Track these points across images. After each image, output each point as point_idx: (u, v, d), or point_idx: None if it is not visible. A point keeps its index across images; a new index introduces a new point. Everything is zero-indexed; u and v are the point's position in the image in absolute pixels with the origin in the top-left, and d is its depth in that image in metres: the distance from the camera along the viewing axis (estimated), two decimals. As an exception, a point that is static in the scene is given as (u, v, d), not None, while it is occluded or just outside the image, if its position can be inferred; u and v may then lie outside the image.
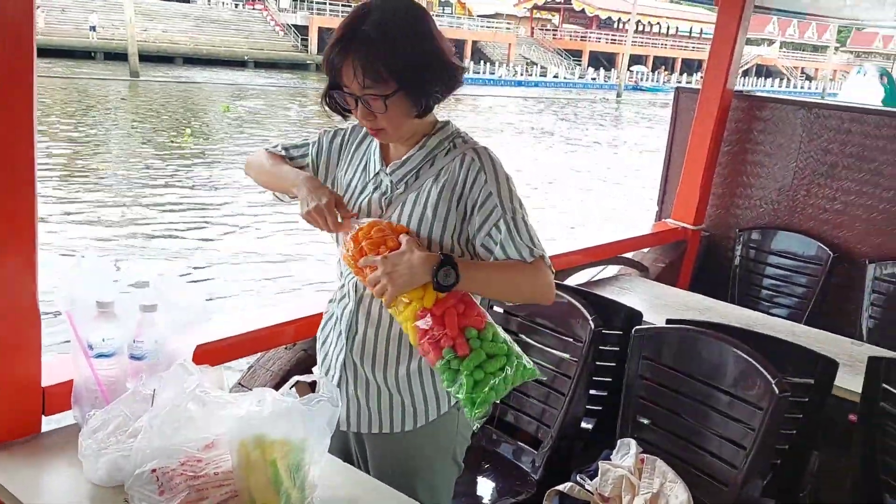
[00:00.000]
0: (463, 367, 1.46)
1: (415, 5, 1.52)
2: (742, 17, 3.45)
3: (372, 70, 1.42)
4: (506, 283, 1.56)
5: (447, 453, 1.70)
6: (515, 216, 1.53)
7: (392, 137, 1.56)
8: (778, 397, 1.84)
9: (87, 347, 1.50)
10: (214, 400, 1.40)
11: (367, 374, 1.64)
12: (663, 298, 3.02)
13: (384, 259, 1.44)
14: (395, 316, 1.53)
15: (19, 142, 1.39)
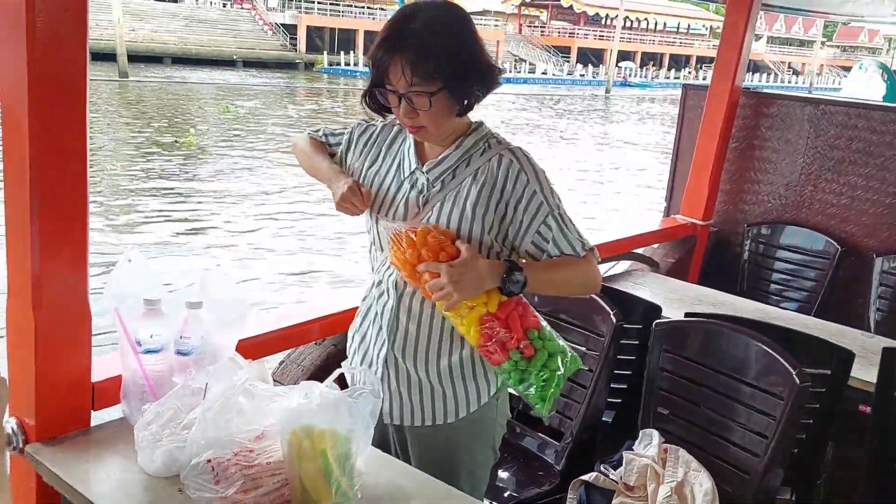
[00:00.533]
0: (531, 368, 1.55)
1: (457, 8, 1.57)
2: (750, 14, 3.50)
3: (419, 68, 1.46)
4: (563, 281, 1.63)
5: (487, 442, 1.75)
6: (561, 211, 1.59)
7: (431, 135, 1.60)
8: (799, 387, 1.89)
9: (135, 344, 1.55)
10: (263, 393, 1.45)
11: (409, 369, 1.68)
12: (676, 293, 3.07)
13: (449, 267, 1.48)
14: (455, 320, 1.58)
15: (73, 142, 1.43)
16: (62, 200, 1.45)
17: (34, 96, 1.36)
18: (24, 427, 1.53)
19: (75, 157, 1.45)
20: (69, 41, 1.38)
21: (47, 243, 1.44)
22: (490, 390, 1.70)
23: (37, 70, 1.35)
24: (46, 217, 1.43)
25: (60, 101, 1.40)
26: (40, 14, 1.33)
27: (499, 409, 1.74)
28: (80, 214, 1.49)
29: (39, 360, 1.48)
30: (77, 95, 1.42)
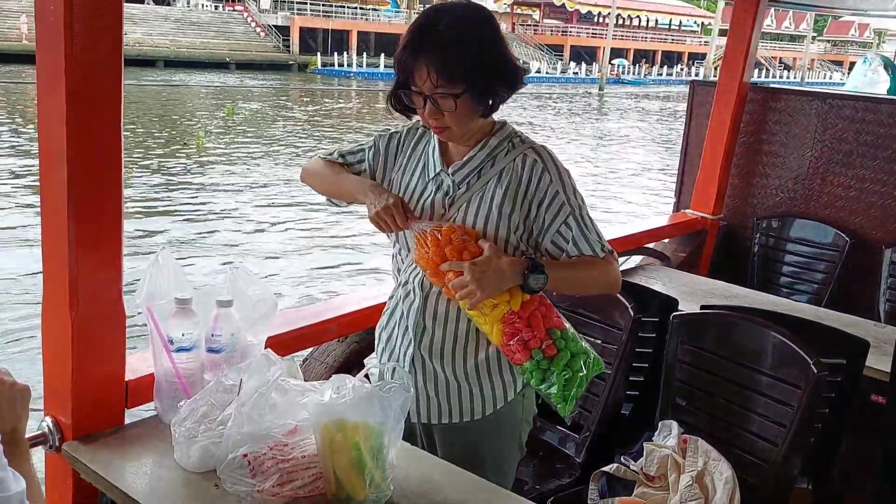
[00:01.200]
0: (554, 367, 1.57)
1: (481, 9, 1.59)
2: (757, 10, 3.54)
3: (444, 70, 1.48)
4: (583, 280, 1.67)
5: (514, 439, 1.78)
6: (582, 212, 1.62)
7: (456, 136, 1.62)
8: (816, 377, 1.92)
9: (167, 342, 1.58)
10: (295, 388, 1.48)
11: (436, 368, 1.70)
12: (689, 286, 3.10)
13: (472, 265, 1.50)
14: (477, 318, 1.60)
15: (108, 143, 1.47)
16: (98, 202, 1.49)
17: (72, 99, 1.39)
18: (60, 425, 1.56)
19: (111, 158, 1.49)
20: (104, 50, 1.41)
21: (83, 244, 1.47)
22: (517, 387, 1.73)
23: (75, 71, 1.39)
24: (83, 218, 1.46)
25: (97, 102, 1.43)
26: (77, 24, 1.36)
27: (525, 405, 1.77)
28: (115, 215, 1.52)
29: (76, 359, 1.51)
30: (112, 97, 1.45)
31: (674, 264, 3.69)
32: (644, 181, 15.28)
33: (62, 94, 1.39)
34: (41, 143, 1.47)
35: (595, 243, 1.63)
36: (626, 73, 49.30)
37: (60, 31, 1.36)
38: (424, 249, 1.58)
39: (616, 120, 27.40)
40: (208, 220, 10.21)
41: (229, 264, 8.07)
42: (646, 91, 42.55)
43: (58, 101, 1.39)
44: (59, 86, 1.39)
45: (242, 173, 13.31)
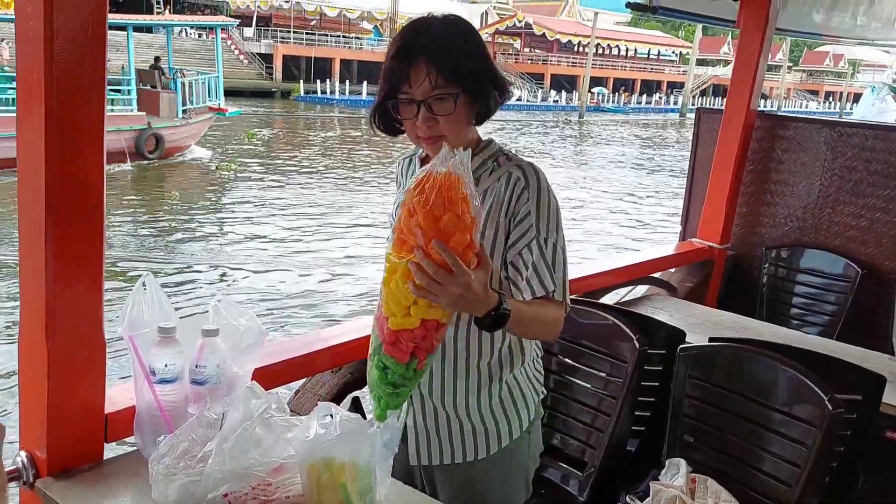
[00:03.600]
0: (411, 384, 1.40)
1: (466, 21, 1.56)
2: (764, 39, 3.49)
3: (444, 69, 1.43)
4: (535, 329, 1.53)
5: (520, 477, 1.70)
6: (548, 241, 1.50)
7: (448, 141, 1.48)
8: (832, 414, 1.83)
9: (149, 373, 1.51)
10: (280, 423, 1.40)
11: (437, 406, 1.62)
12: (696, 317, 3.02)
13: (465, 274, 1.23)
14: (401, 302, 1.30)
15: (88, 169, 1.41)
16: (78, 228, 1.42)
17: (51, 123, 1.34)
18: (34, 460, 1.49)
19: (92, 184, 1.42)
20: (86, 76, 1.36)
21: (61, 272, 1.41)
22: (522, 424, 1.65)
23: (54, 98, 1.33)
24: (61, 245, 1.40)
25: (76, 128, 1.37)
26: (58, 38, 1.31)
27: (532, 442, 1.69)
28: (96, 241, 1.45)
29: (52, 390, 1.44)
30: (94, 122, 1.40)
31: (680, 294, 3.61)
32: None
33: (41, 118, 1.33)
34: (19, 167, 1.41)
35: (550, 282, 1.48)
36: (606, 101, 49.97)
37: (40, 53, 1.31)
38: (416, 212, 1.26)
39: (603, 145, 27.75)
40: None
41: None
42: (626, 118, 43.06)
43: (36, 125, 1.34)
44: (37, 109, 1.33)
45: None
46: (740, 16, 3.56)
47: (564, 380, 2.35)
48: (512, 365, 1.63)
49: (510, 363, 1.62)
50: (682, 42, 57.52)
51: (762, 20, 3.46)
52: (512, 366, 1.63)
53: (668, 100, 53.53)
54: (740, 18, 3.56)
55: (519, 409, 1.64)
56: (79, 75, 1.35)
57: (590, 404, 2.27)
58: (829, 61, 62.28)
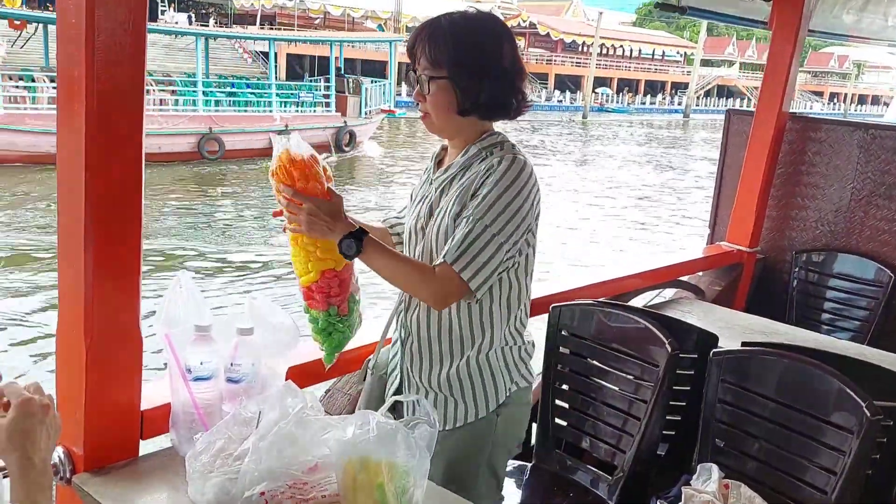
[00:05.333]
0: (341, 325, 1.73)
1: (491, 22, 1.64)
2: (797, 40, 3.44)
3: (431, 51, 1.58)
4: (402, 279, 1.66)
5: (483, 458, 1.74)
6: (480, 223, 1.57)
7: (435, 127, 1.67)
8: (870, 421, 1.80)
9: (185, 371, 1.51)
10: (317, 422, 1.40)
11: (416, 380, 1.76)
12: (726, 321, 2.99)
13: (311, 205, 1.53)
14: (300, 256, 1.65)
15: (128, 169, 1.41)
16: (116, 226, 1.43)
17: (91, 122, 1.35)
18: (71, 456, 1.50)
19: (130, 181, 1.43)
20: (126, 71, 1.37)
21: (100, 270, 1.42)
22: (489, 405, 1.72)
23: (94, 97, 1.34)
24: (100, 243, 1.41)
25: (116, 127, 1.38)
26: (100, 36, 1.32)
27: (499, 427, 1.74)
28: (135, 240, 1.46)
29: (89, 388, 1.45)
30: (134, 121, 1.41)
31: (709, 298, 3.58)
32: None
33: (81, 117, 1.34)
34: (59, 166, 1.42)
35: (452, 252, 1.57)
36: (610, 101, 50.02)
37: (81, 51, 1.31)
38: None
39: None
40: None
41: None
42: (629, 119, 43.02)
43: (77, 124, 1.35)
44: (78, 108, 1.34)
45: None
46: (772, 17, 3.52)
47: (594, 382, 2.33)
48: (477, 346, 1.71)
49: (472, 344, 1.71)
50: (687, 42, 57.49)
51: (795, 21, 3.42)
52: (478, 348, 1.71)
53: (672, 100, 53.55)
54: (772, 19, 3.52)
55: (487, 389, 1.72)
56: (119, 74, 1.36)
57: (620, 408, 2.25)
58: (835, 62, 62.14)
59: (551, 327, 2.42)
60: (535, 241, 1.71)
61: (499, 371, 1.73)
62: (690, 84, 49.30)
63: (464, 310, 1.69)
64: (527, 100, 1.66)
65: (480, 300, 1.67)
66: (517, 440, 1.83)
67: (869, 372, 2.12)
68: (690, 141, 34.22)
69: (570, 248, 12.16)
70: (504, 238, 1.58)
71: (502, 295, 1.70)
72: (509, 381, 1.75)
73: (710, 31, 48.31)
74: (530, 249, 1.70)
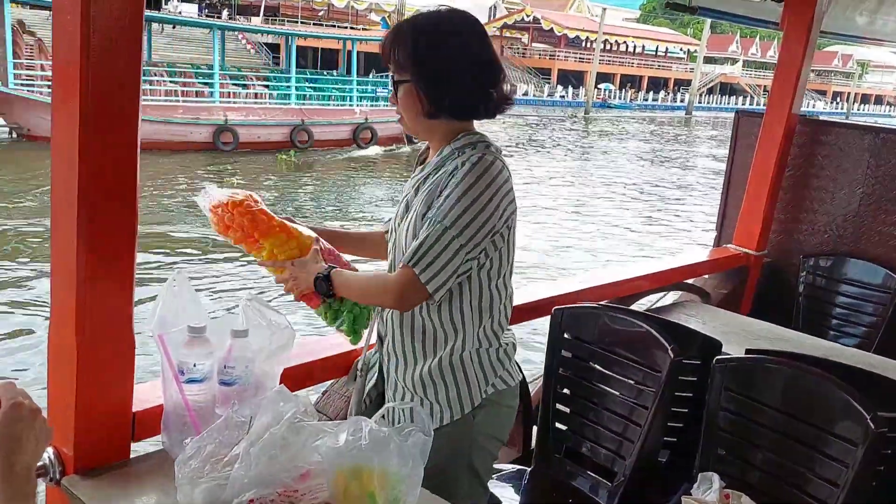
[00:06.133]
0: (343, 307, 1.77)
1: (464, 29, 1.61)
2: (808, 42, 3.40)
3: (392, 54, 1.59)
4: (367, 296, 1.73)
5: (463, 460, 1.72)
6: (439, 224, 1.55)
7: (409, 128, 1.68)
8: (875, 433, 1.77)
9: (178, 373, 1.49)
10: (309, 428, 1.37)
11: (392, 373, 1.76)
12: (730, 326, 2.95)
13: (292, 265, 1.70)
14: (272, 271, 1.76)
15: (122, 166, 1.39)
16: (110, 225, 1.41)
17: (85, 118, 1.32)
18: (61, 457, 1.48)
19: (125, 181, 1.41)
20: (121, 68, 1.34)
21: (93, 267, 1.40)
22: (464, 407, 1.69)
23: (88, 93, 1.32)
24: (93, 242, 1.39)
25: (111, 124, 1.36)
26: (95, 35, 1.29)
27: (478, 428, 1.72)
28: (128, 239, 1.44)
29: (80, 388, 1.43)
30: (129, 117, 1.38)
31: (714, 301, 3.54)
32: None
33: (75, 114, 1.32)
34: (53, 161, 1.40)
35: (411, 255, 1.57)
36: (613, 97, 50.01)
37: (76, 46, 1.29)
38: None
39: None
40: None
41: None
42: (632, 115, 43.11)
43: (70, 120, 1.32)
44: (72, 104, 1.32)
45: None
46: (784, 18, 3.48)
47: (595, 387, 2.30)
48: (450, 347, 1.69)
49: (445, 344, 1.69)
50: (691, 39, 57.41)
51: (807, 22, 3.38)
52: (450, 349, 1.69)
53: (675, 97, 53.53)
54: (784, 20, 3.48)
55: (461, 390, 1.69)
56: (115, 70, 1.33)
57: (620, 413, 2.22)
58: (838, 61, 61.94)
59: (553, 330, 2.39)
60: (505, 242, 1.66)
61: (473, 373, 1.70)
62: (693, 81, 49.18)
63: (433, 310, 1.67)
64: (505, 98, 1.63)
65: (450, 301, 1.66)
66: (499, 442, 1.81)
67: (875, 382, 2.09)
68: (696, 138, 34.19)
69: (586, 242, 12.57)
70: (464, 240, 1.55)
71: (472, 296, 1.67)
72: (484, 382, 1.71)
73: (713, 29, 48.15)
74: (498, 252, 1.66)
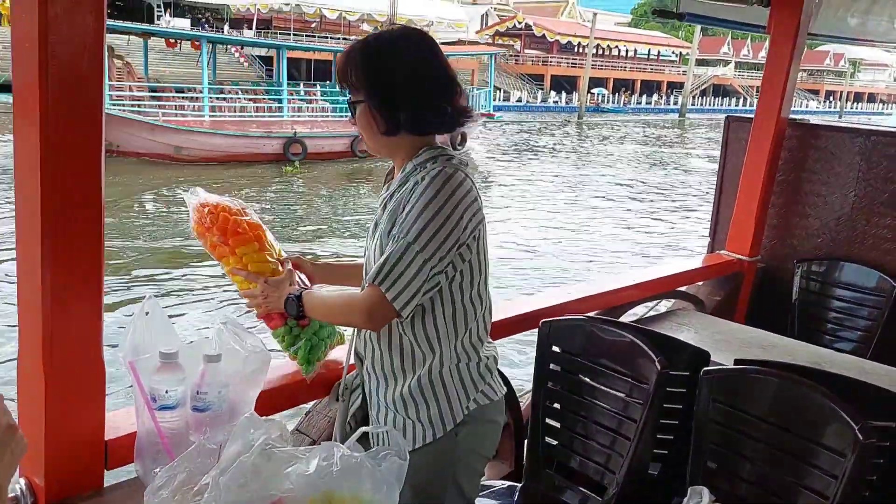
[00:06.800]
0: (303, 334, 1.81)
1: (413, 47, 1.60)
2: (795, 45, 3.38)
3: (345, 76, 1.59)
4: (337, 316, 1.75)
5: (447, 478, 1.69)
6: (402, 240, 1.54)
7: (371, 148, 1.67)
8: (862, 444, 1.74)
9: (150, 399, 1.47)
10: (280, 455, 1.35)
11: (373, 391, 1.73)
12: (723, 334, 2.93)
13: (264, 284, 1.72)
14: (244, 286, 1.78)
15: (90, 191, 1.37)
16: (76, 251, 1.39)
17: (46, 145, 1.30)
18: (33, 488, 1.46)
19: (89, 204, 1.39)
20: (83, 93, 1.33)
21: (59, 297, 1.38)
22: (446, 424, 1.67)
23: (48, 122, 1.30)
24: (59, 269, 1.37)
25: (73, 150, 1.34)
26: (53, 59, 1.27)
27: (461, 446, 1.69)
28: (95, 265, 1.42)
29: (49, 417, 1.41)
30: (91, 143, 1.36)
31: (708, 309, 3.51)
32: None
33: (36, 142, 1.30)
34: (16, 187, 1.38)
35: (383, 272, 1.54)
36: (606, 101, 50.16)
37: (35, 73, 1.27)
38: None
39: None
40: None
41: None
42: (626, 119, 43.26)
43: (32, 148, 1.31)
44: (32, 131, 1.30)
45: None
46: (770, 21, 3.46)
47: (583, 400, 2.27)
48: (428, 365, 1.67)
49: (423, 362, 1.67)
50: (682, 42, 57.71)
51: (793, 26, 3.36)
52: (429, 366, 1.67)
53: (668, 100, 53.78)
54: (770, 24, 3.46)
55: (442, 408, 1.67)
56: (76, 96, 1.32)
57: (609, 426, 2.19)
58: (830, 60, 62.14)
59: (541, 343, 2.37)
60: (474, 254, 1.63)
61: (454, 389, 1.68)
62: (686, 83, 49.40)
63: (408, 326, 1.65)
64: (463, 111, 1.61)
65: (423, 317, 1.64)
66: (484, 458, 1.78)
67: (865, 391, 2.06)
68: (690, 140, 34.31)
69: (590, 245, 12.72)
70: (428, 255, 1.53)
71: (445, 311, 1.64)
72: (466, 398, 1.68)
73: (704, 31, 48.33)
74: (467, 263, 1.63)
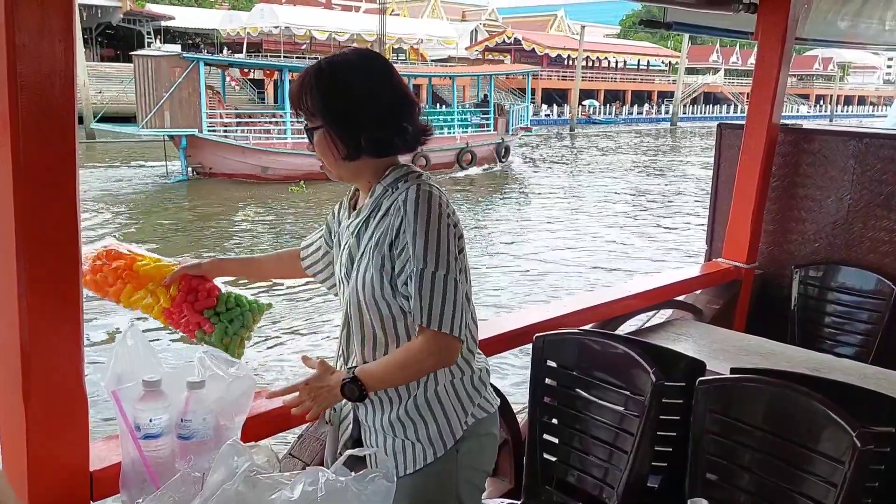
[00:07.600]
0: (214, 341, 1.81)
1: (369, 69, 1.57)
2: (784, 51, 3.37)
3: (307, 102, 1.55)
4: (407, 375, 1.60)
5: (450, 497, 1.66)
6: (425, 272, 1.51)
7: (332, 175, 1.63)
8: (860, 451, 1.71)
9: (134, 429, 1.45)
10: (265, 481, 1.33)
11: (370, 424, 1.67)
12: (721, 343, 2.90)
13: (306, 386, 1.57)
14: (145, 311, 1.82)
15: (65, 218, 1.36)
16: (52, 280, 1.37)
17: (18, 174, 1.29)
18: (17, 522, 1.43)
19: (65, 232, 1.37)
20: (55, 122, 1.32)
21: (37, 324, 1.36)
22: (446, 443, 1.64)
23: (20, 151, 1.29)
24: (35, 296, 1.35)
25: (46, 178, 1.33)
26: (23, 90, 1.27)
27: (462, 462, 1.66)
28: (73, 292, 1.40)
29: (31, 451, 1.39)
30: (65, 171, 1.35)
31: (707, 317, 3.49)
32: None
33: (9, 172, 1.29)
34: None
35: (426, 311, 1.51)
36: (597, 112, 50.45)
37: (5, 103, 1.26)
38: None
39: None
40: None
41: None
42: (618, 129, 43.51)
43: (4, 177, 1.29)
44: (4, 161, 1.29)
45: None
46: (758, 28, 3.46)
47: (580, 414, 2.25)
48: (423, 384, 1.64)
49: (418, 383, 1.64)
50: (671, 52, 58.19)
51: (781, 31, 3.36)
52: (424, 385, 1.64)
53: (660, 109, 54.18)
54: (758, 30, 3.46)
55: (441, 426, 1.64)
56: (47, 125, 1.30)
57: (606, 440, 2.17)
58: (819, 65, 62.37)
59: (536, 358, 2.35)
60: (462, 265, 1.61)
61: (451, 405, 1.65)
62: (676, 92, 49.77)
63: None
64: (423, 129, 1.60)
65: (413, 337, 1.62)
66: (484, 474, 1.76)
67: (865, 397, 2.03)
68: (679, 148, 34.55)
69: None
70: (452, 272, 1.53)
71: None
72: (463, 413, 1.66)
73: (693, 40, 48.77)
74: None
